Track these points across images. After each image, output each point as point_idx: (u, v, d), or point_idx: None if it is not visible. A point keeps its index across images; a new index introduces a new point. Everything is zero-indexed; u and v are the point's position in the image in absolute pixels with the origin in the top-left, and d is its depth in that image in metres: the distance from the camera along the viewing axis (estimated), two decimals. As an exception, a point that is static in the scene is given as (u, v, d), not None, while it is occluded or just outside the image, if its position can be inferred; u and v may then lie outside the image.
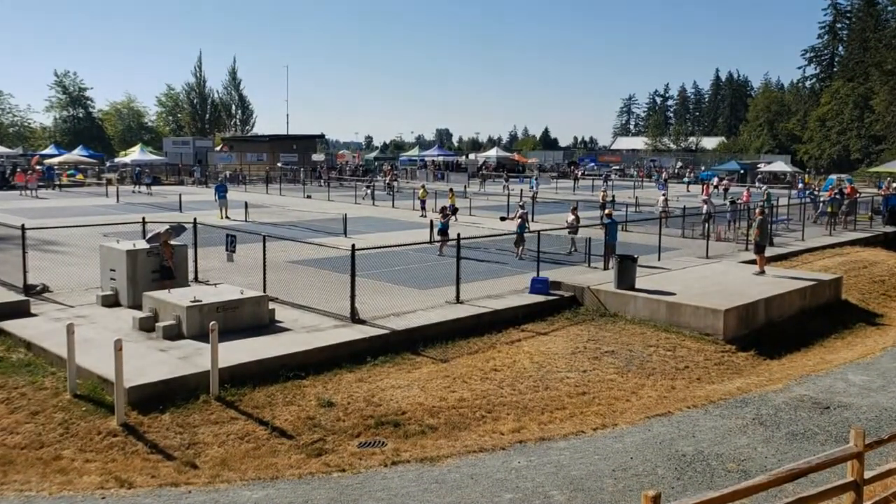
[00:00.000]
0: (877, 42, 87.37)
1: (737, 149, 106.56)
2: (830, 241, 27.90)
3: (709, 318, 15.62)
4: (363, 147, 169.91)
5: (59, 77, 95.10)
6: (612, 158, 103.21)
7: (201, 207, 36.71)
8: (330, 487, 8.85)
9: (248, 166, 67.69)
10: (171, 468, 9.33)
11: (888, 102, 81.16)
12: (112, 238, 19.40)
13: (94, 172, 63.27)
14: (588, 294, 17.55)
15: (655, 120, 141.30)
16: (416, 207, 37.99)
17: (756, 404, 11.85)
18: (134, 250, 15.93)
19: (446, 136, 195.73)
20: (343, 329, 14.18)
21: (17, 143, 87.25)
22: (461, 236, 17.74)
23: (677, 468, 9.39)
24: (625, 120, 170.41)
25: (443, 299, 16.78)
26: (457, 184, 52.85)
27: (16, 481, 8.88)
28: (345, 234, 27.63)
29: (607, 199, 36.60)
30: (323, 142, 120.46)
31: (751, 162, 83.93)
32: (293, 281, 18.29)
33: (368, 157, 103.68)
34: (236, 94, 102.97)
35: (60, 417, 10.48)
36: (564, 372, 13.24)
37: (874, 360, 14.69)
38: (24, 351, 13.04)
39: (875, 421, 11.14)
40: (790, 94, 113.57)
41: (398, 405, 11.40)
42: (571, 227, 24.36)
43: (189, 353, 12.36)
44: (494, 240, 23.96)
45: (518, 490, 8.76)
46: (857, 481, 6.82)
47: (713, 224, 27.80)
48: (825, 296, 19.06)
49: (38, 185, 48.52)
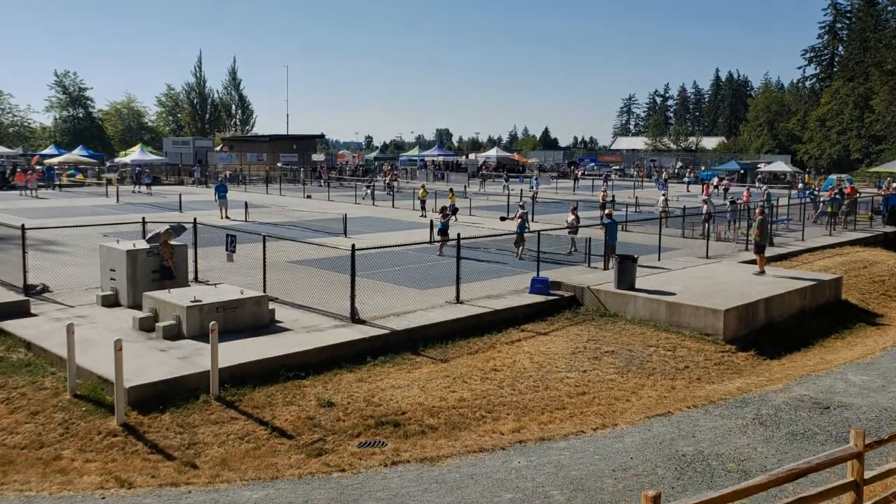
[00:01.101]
0: (877, 42, 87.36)
1: (737, 149, 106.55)
2: (830, 241, 27.90)
3: (709, 318, 15.62)
4: (363, 147, 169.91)
5: (59, 77, 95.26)
6: (612, 158, 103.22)
7: (201, 207, 36.71)
8: (330, 487, 8.85)
9: (248, 166, 67.68)
10: (171, 468, 9.33)
11: (888, 102, 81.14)
12: (112, 238, 19.39)
13: (94, 172, 63.27)
14: (588, 294, 17.55)
15: (655, 120, 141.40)
16: (416, 207, 37.98)
17: (756, 404, 11.85)
18: (134, 250, 15.92)
19: (446, 136, 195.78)
20: (343, 329, 14.17)
21: (17, 143, 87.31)
22: (461, 236, 17.74)
23: (677, 468, 9.39)
24: (625, 120, 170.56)
25: (443, 299, 16.78)
26: (457, 184, 52.86)
27: (16, 481, 8.88)
28: (345, 234, 27.63)
29: (607, 199, 36.61)
30: (323, 142, 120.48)
31: (751, 162, 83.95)
32: (293, 281, 18.29)
33: (368, 157, 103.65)
34: (236, 94, 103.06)
35: (60, 417, 10.48)
36: (564, 372, 13.24)
37: (874, 360, 14.69)
38: (24, 351, 13.03)
39: (875, 421, 11.14)
40: (790, 94, 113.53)
41: (398, 405, 11.40)
42: (571, 227, 24.36)
43: (189, 353, 12.36)
44: (494, 240, 23.96)
45: (518, 490, 8.75)
46: (857, 481, 6.82)
47: (713, 224, 27.79)
48: (825, 296, 19.05)
49: (38, 185, 48.53)
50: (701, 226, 28.39)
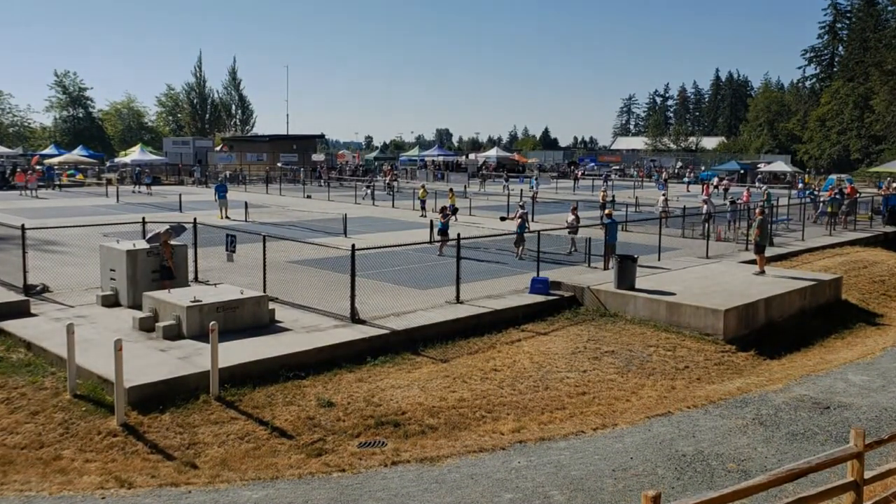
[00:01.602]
0: (877, 42, 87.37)
1: (737, 149, 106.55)
2: (830, 241, 27.90)
3: (709, 318, 15.62)
4: (363, 147, 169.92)
5: (59, 77, 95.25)
6: (612, 158, 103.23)
7: (201, 207, 36.71)
8: (330, 487, 8.85)
9: (248, 166, 67.68)
10: (171, 468, 9.33)
11: (888, 102, 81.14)
12: (112, 238, 19.39)
13: (94, 172, 63.28)
14: (588, 294, 17.55)
15: (655, 120, 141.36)
16: (416, 207, 37.97)
17: (756, 404, 11.85)
18: (134, 250, 15.92)
19: (446, 136, 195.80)
20: (343, 329, 14.17)
21: (17, 143, 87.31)
22: (461, 236, 17.74)
23: (677, 468, 9.38)
24: (625, 120, 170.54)
25: (443, 299, 16.78)
26: (457, 184, 52.86)
27: (16, 481, 8.88)
28: (345, 234, 27.63)
29: (607, 199, 36.62)
30: (323, 142, 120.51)
31: (751, 162, 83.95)
32: (293, 281, 18.29)
33: (368, 157, 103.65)
34: (236, 94, 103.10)
35: (60, 417, 10.48)
36: (564, 372, 13.24)
37: (874, 360, 14.69)
38: (24, 351, 13.03)
39: (875, 421, 11.14)
40: (790, 94, 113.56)
41: (398, 405, 11.40)
42: (571, 227, 24.36)
43: (189, 353, 12.36)
44: (494, 240, 23.96)
45: (518, 490, 8.75)
46: (857, 481, 6.82)
47: (713, 224, 27.80)
48: (825, 296, 19.05)
49: (38, 185, 48.53)
50: (701, 226, 28.39)
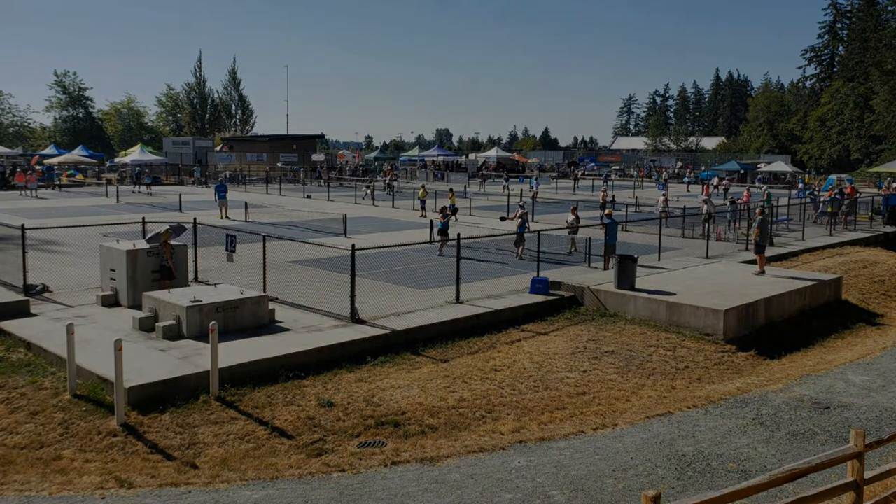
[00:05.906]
0: (877, 42, 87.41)
1: (737, 149, 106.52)
2: (830, 241, 27.91)
3: (709, 318, 15.62)
4: (363, 147, 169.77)
5: (59, 77, 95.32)
6: (612, 158, 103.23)
7: (201, 207, 36.72)
8: (330, 487, 8.84)
9: (248, 166, 67.72)
10: (171, 468, 9.32)
11: (888, 102, 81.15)
12: (112, 238, 19.40)
13: (94, 172, 63.29)
14: (588, 294, 17.54)
15: (655, 120, 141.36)
16: (416, 207, 37.98)
17: (756, 404, 11.84)
18: (134, 250, 15.92)
19: (446, 136, 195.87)
20: (343, 329, 14.17)
21: (17, 143, 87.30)
22: (461, 236, 17.74)
23: (677, 468, 9.38)
24: (625, 120, 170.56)
25: (443, 299, 16.78)
26: (457, 184, 52.87)
27: (16, 481, 8.88)
28: (345, 234, 27.63)
29: (607, 199, 36.63)
30: (323, 142, 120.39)
31: (751, 162, 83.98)
32: (293, 281, 18.29)
33: (368, 157, 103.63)
34: (236, 94, 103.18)
35: (60, 417, 10.48)
36: (564, 372, 13.24)
37: (874, 360, 14.68)
38: (24, 351, 13.03)
39: (875, 421, 11.14)
40: (790, 94, 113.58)
41: (398, 405, 11.40)
42: (571, 227, 24.36)
43: (189, 353, 12.35)
44: (494, 240, 23.96)
45: (518, 490, 8.75)
46: (857, 481, 6.82)
47: (713, 224, 27.79)
48: (825, 296, 19.05)
49: (37, 185, 48.52)
50: (701, 226, 28.40)
